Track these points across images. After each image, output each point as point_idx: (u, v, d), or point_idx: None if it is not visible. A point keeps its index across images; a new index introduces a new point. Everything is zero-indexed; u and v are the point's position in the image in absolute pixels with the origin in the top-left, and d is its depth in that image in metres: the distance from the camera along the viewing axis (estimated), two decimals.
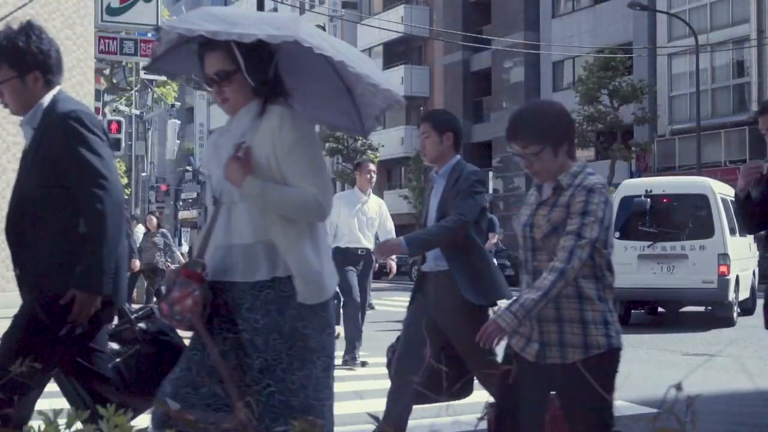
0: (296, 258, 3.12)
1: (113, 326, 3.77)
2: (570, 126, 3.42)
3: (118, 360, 3.65)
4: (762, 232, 5.35)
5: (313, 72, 3.40)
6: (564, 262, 3.13)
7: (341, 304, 8.96)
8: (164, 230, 16.43)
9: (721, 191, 13.83)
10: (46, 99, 3.52)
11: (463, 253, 4.75)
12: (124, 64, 27.01)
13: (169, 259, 15.32)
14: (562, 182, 3.29)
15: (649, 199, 13.67)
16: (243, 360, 3.16)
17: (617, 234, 13.94)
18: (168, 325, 3.64)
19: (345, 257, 8.80)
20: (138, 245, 16.64)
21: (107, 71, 25.59)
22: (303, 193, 3.13)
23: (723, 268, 13.13)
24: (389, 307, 17.37)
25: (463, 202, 4.72)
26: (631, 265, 13.56)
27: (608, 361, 3.25)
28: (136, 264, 11.14)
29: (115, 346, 3.71)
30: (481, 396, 4.03)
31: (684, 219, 13.77)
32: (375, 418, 2.16)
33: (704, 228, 13.40)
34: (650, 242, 13.56)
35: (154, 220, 16.31)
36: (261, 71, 3.20)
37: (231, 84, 3.20)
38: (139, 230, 18.29)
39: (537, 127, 3.31)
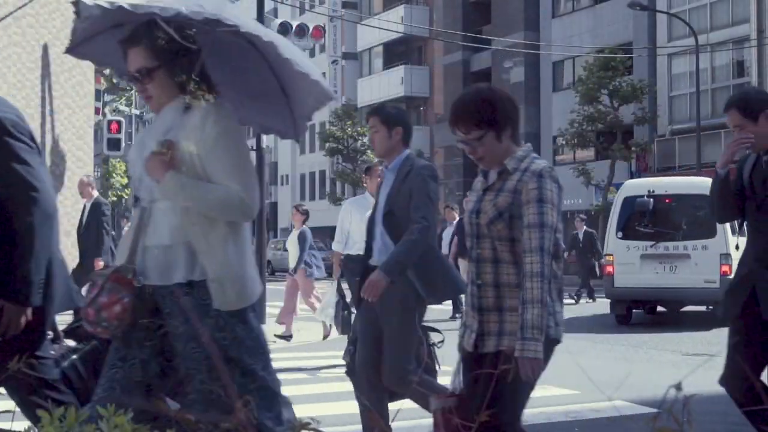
0: (215, 261, 3.01)
1: (69, 324, 3.74)
2: (513, 110, 3.36)
3: (74, 357, 3.61)
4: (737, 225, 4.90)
5: (246, 69, 3.31)
6: (539, 263, 3.11)
7: (349, 313, 8.88)
8: None
9: None
10: None
11: None
12: None
13: None
14: (508, 166, 3.27)
15: (651, 200, 13.72)
16: (165, 365, 3.08)
17: (620, 234, 13.99)
18: None
19: (356, 266, 8.64)
20: None
21: (107, 71, 25.56)
22: (226, 190, 3.02)
23: (725, 268, 13.14)
24: None
25: (422, 204, 4.67)
26: (634, 265, 13.63)
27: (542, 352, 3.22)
28: (99, 264, 10.99)
29: (71, 343, 3.69)
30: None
31: (686, 219, 13.80)
32: (369, 409, 2.16)
33: (706, 228, 13.40)
34: (653, 242, 13.60)
35: None
36: (186, 67, 3.10)
37: (153, 81, 3.10)
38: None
39: (479, 113, 3.26)
